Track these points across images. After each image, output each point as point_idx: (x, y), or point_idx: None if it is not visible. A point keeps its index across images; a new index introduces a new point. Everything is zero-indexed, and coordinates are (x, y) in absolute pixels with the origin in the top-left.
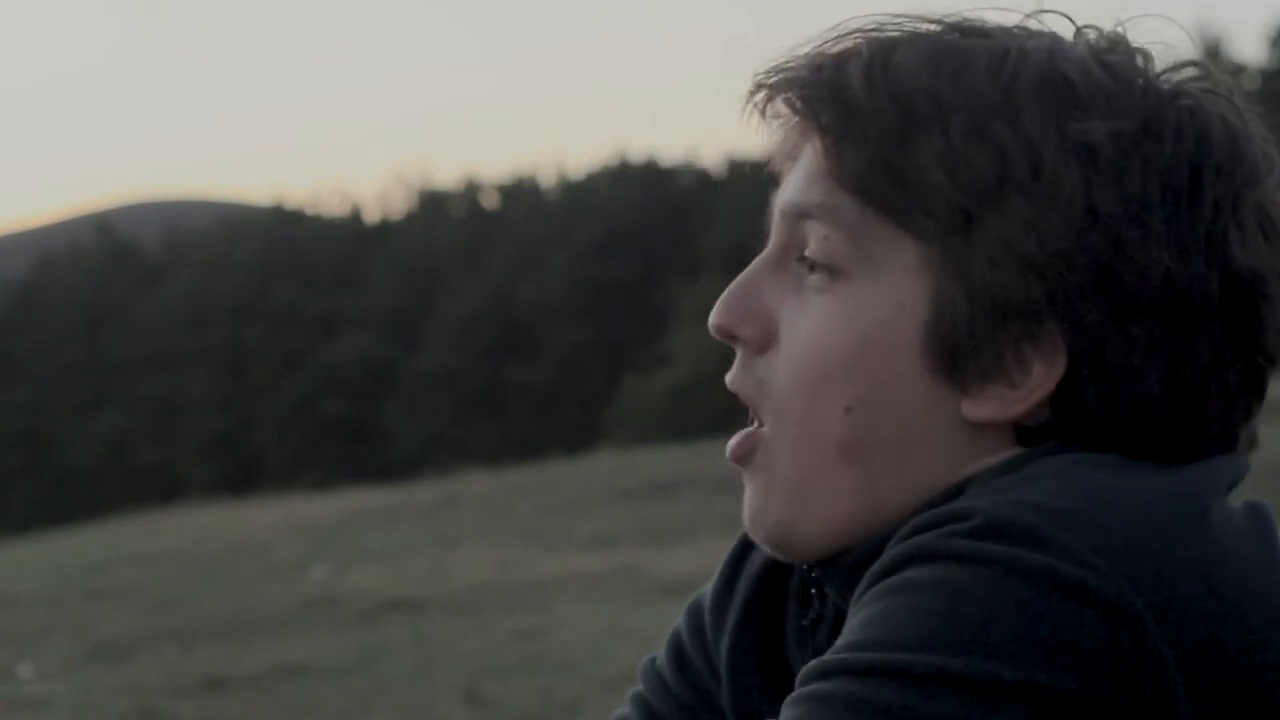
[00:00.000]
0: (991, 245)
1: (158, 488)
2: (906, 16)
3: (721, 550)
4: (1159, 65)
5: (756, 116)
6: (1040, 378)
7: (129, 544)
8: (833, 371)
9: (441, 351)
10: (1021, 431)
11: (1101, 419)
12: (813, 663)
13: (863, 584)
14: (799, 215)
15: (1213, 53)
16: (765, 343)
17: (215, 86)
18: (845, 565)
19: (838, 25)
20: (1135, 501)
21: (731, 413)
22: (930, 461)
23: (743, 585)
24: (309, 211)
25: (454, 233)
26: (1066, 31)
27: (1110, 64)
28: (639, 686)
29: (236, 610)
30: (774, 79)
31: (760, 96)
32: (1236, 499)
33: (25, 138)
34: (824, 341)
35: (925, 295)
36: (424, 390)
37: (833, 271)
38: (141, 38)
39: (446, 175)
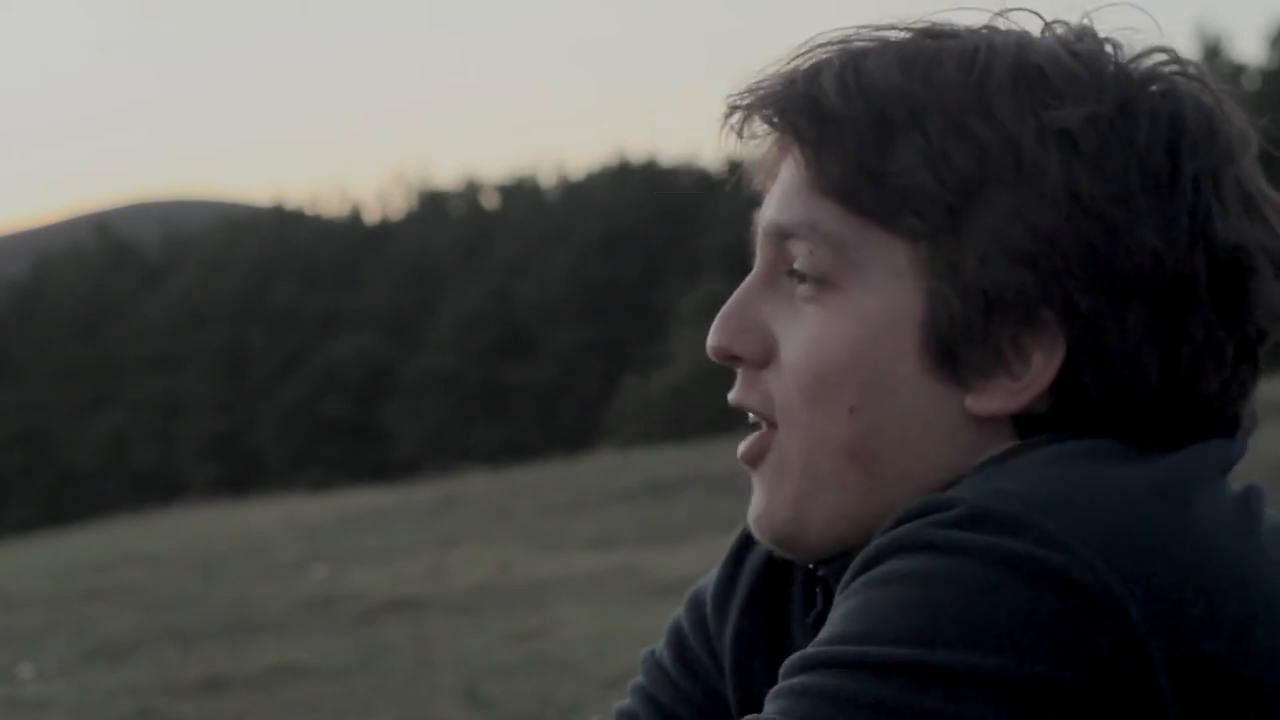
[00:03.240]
0: (980, 240)
1: (158, 488)
2: (875, 26)
3: (721, 550)
4: (1128, 53)
5: (734, 138)
6: (1040, 367)
7: (129, 544)
8: (833, 376)
9: (441, 351)
10: (1021, 421)
11: (1102, 403)
12: (794, 655)
13: (847, 575)
14: (782, 235)
15: (1213, 53)
16: (765, 358)
17: (215, 86)
18: (849, 564)
19: (807, 41)
20: (1118, 489)
21: (731, 412)
22: (936, 458)
23: (746, 577)
24: (309, 211)
25: (454, 233)
26: (1035, 28)
27: (1080, 52)
28: (640, 678)
29: (236, 610)
30: (748, 99)
31: (736, 117)
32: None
33: (25, 138)
34: (821, 350)
35: (918, 296)
36: (424, 390)
37: (822, 283)
38: (142, 37)
39: (446, 175)
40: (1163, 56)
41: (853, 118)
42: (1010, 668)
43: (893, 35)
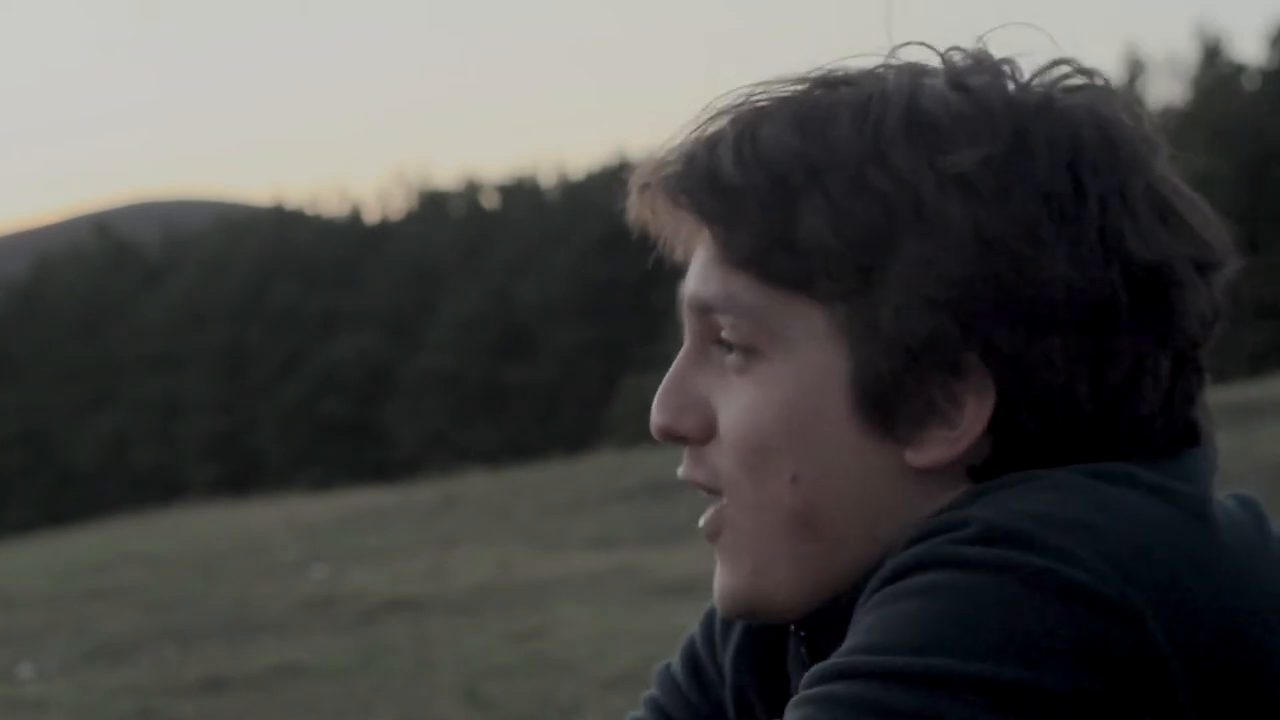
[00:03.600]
0: (894, 294)
1: (158, 488)
2: (772, 83)
3: None
4: (1026, 72)
5: (647, 214)
6: (974, 412)
7: (129, 544)
8: (770, 446)
9: (441, 351)
10: (971, 469)
11: (1040, 438)
12: (816, 666)
13: (867, 591)
14: (704, 309)
15: (1213, 53)
16: (707, 433)
17: (215, 86)
18: (830, 619)
19: (706, 107)
20: (1133, 505)
21: None
22: (886, 514)
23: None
24: (309, 211)
25: (454, 233)
26: (932, 58)
27: (972, 88)
28: (653, 690)
29: (236, 610)
30: (652, 178)
31: (645, 196)
32: (1221, 493)
33: (25, 138)
34: (755, 420)
35: (842, 358)
36: (424, 390)
37: (748, 352)
38: (142, 37)
39: (446, 175)
40: (1063, 69)
41: (754, 189)
42: (1026, 678)
43: (789, 90)
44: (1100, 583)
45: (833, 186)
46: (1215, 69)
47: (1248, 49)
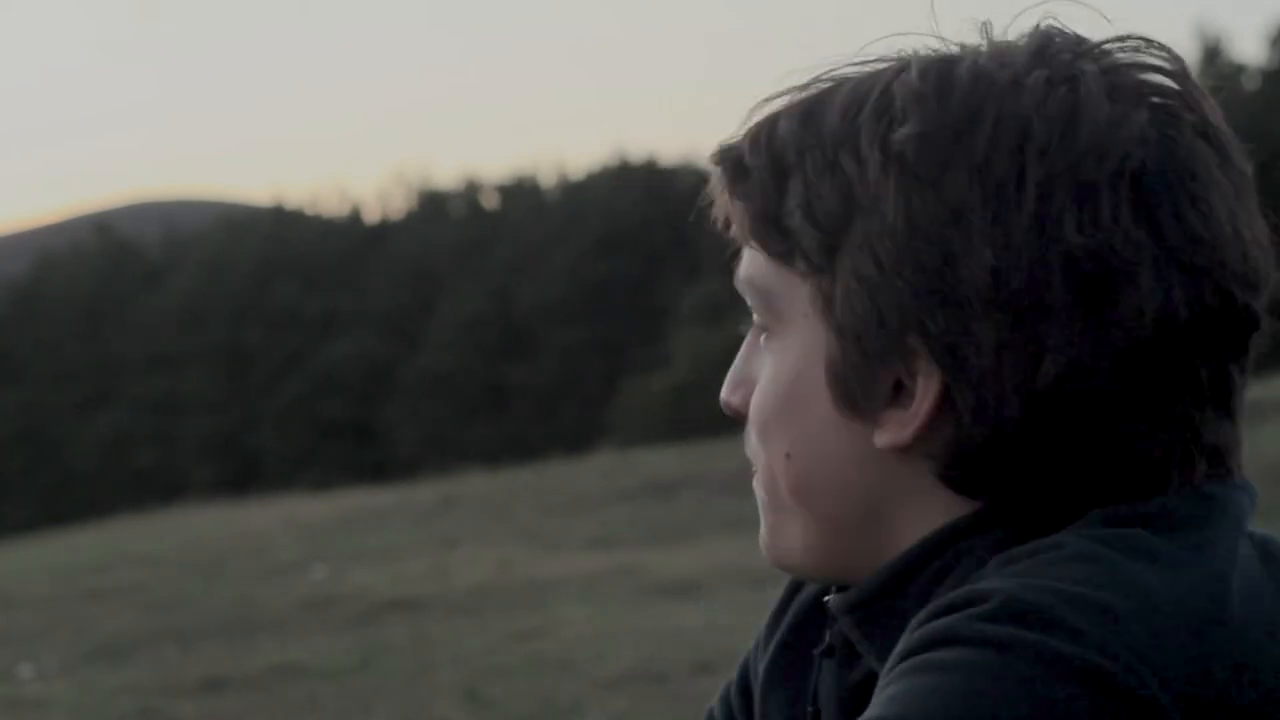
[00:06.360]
0: (843, 275)
1: (158, 488)
2: (832, 69)
3: (721, 550)
4: (1019, 53)
5: (715, 195)
6: (922, 394)
7: (129, 544)
8: (770, 423)
9: (441, 351)
10: (932, 456)
11: (975, 431)
12: None
13: (889, 663)
14: (741, 291)
15: (1213, 53)
16: None
17: (215, 86)
18: (852, 600)
19: (780, 89)
20: (1161, 590)
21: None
22: (865, 495)
23: (795, 606)
24: (309, 211)
25: (454, 233)
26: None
27: (944, 69)
28: (714, 704)
29: (236, 610)
30: (716, 158)
31: (713, 178)
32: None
33: (25, 138)
34: (761, 396)
35: (819, 337)
36: (424, 390)
37: (763, 329)
38: (142, 37)
39: (446, 175)
40: (1066, 47)
41: (758, 169)
42: None
43: (824, 80)
44: (1117, 667)
45: (810, 168)
46: (1215, 69)
47: (1248, 49)
